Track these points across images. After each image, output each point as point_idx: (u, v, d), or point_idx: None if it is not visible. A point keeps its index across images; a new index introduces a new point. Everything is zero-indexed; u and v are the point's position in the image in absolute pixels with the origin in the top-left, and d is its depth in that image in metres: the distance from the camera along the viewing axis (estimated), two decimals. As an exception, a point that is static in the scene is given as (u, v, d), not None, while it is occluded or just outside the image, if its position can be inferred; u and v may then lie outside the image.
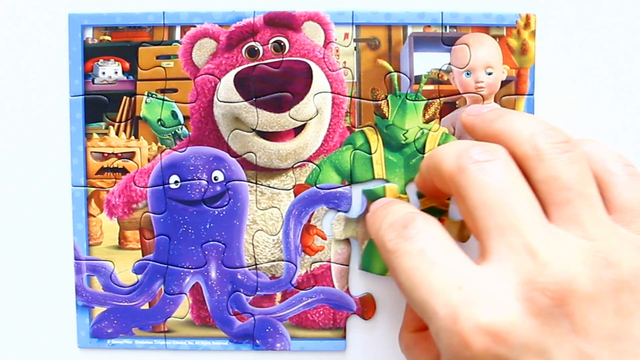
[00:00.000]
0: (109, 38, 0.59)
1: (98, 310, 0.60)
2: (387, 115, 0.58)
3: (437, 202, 0.58)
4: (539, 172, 0.42)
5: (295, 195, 0.59)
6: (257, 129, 0.58)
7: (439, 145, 0.58)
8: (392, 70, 0.58)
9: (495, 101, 0.58)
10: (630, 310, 0.39)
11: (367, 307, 0.60)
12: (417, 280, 0.41)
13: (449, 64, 0.58)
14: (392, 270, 0.44)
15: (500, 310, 0.38)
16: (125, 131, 0.60)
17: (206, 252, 0.60)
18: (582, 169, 0.42)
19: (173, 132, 0.59)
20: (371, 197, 0.58)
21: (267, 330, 0.60)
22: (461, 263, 0.41)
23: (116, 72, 0.59)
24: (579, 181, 0.41)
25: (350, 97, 0.59)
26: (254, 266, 0.60)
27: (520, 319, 0.38)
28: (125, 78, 0.59)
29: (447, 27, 0.58)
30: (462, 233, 0.59)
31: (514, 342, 0.38)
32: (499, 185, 0.41)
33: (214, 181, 0.59)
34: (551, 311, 0.38)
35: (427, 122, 0.58)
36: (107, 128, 0.59)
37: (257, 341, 0.60)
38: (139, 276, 0.60)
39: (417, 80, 0.58)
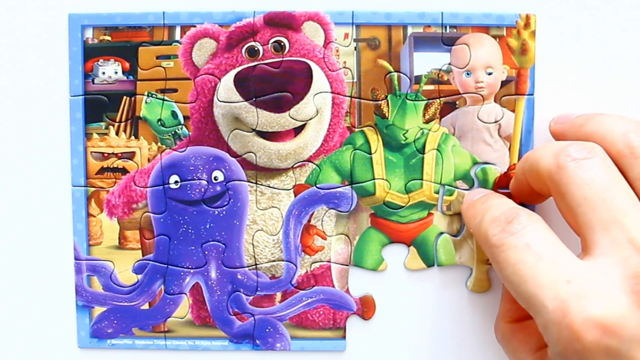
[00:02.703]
0: (109, 38, 0.59)
1: (98, 310, 0.60)
2: (387, 115, 0.58)
3: (427, 197, 0.58)
4: (634, 169, 0.43)
5: (295, 195, 0.59)
6: (257, 129, 0.58)
7: (438, 145, 0.58)
8: (392, 70, 0.58)
9: (495, 101, 0.58)
10: None
11: (367, 307, 0.60)
12: (524, 274, 0.42)
13: (449, 64, 0.58)
14: (497, 264, 0.45)
15: (609, 303, 0.40)
16: (125, 131, 0.60)
17: (206, 252, 0.60)
18: None
19: (173, 132, 0.59)
20: (361, 192, 0.59)
21: (267, 330, 0.60)
22: (567, 258, 0.42)
23: (116, 72, 0.59)
24: None
25: (350, 97, 0.59)
26: (254, 266, 0.60)
27: (629, 311, 0.39)
28: (125, 78, 0.59)
29: (447, 27, 0.58)
30: (451, 227, 0.59)
31: (624, 334, 0.39)
32: (600, 182, 0.43)
33: (214, 181, 0.59)
34: None
35: (427, 122, 0.58)
36: (107, 128, 0.59)
37: (257, 341, 0.60)
38: (139, 276, 0.60)
39: (417, 80, 0.58)
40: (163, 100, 0.59)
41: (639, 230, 0.41)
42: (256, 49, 0.58)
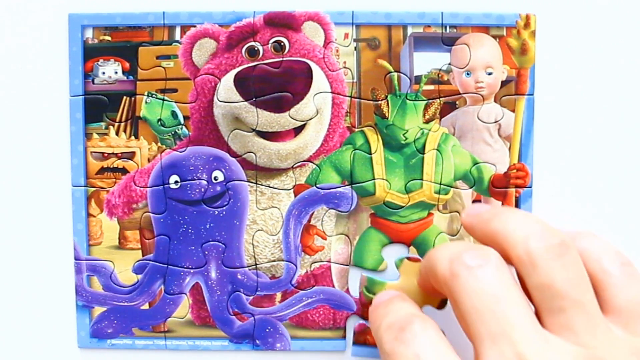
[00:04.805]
0: (109, 38, 0.59)
1: (98, 310, 0.60)
2: (387, 115, 0.58)
3: (427, 197, 0.58)
4: (532, 278, 0.42)
5: (295, 195, 0.59)
6: (257, 129, 0.58)
7: (438, 145, 0.58)
8: (392, 70, 0.58)
9: (495, 101, 0.58)
10: None
11: (367, 307, 0.60)
12: None
13: (449, 64, 0.58)
14: None
15: None
16: (125, 131, 0.60)
17: (206, 252, 0.60)
18: (577, 274, 0.42)
19: (173, 132, 0.59)
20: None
21: (267, 330, 0.60)
22: None
23: (116, 72, 0.59)
24: (573, 288, 0.41)
25: (350, 97, 0.59)
26: (254, 266, 0.60)
27: None
28: (125, 78, 0.59)
29: (447, 27, 0.58)
30: (451, 227, 0.59)
31: None
32: (491, 292, 0.41)
33: (214, 181, 0.59)
34: None
35: (427, 122, 0.58)
36: (107, 128, 0.59)
37: (257, 341, 0.60)
38: (139, 276, 0.60)
39: (417, 80, 0.58)
40: (163, 100, 0.59)
41: (527, 345, 0.39)
42: (256, 49, 0.58)
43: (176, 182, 0.59)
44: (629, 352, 0.41)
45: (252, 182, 0.59)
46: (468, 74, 0.58)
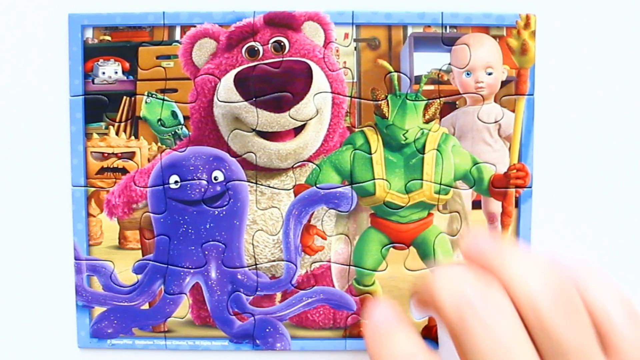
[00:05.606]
0: (109, 38, 0.59)
1: (98, 310, 0.60)
2: (387, 115, 0.58)
3: (427, 197, 0.59)
4: (536, 330, 0.41)
5: (295, 195, 0.59)
6: (257, 129, 0.58)
7: (438, 145, 0.58)
8: (392, 70, 0.58)
9: (495, 101, 0.58)
10: None
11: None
12: None
13: (449, 64, 0.58)
14: None
15: None
16: (125, 131, 0.60)
17: (206, 252, 0.60)
18: (585, 331, 0.42)
19: (173, 132, 0.59)
20: (361, 193, 0.59)
21: (267, 330, 0.60)
22: None
23: (116, 72, 0.59)
24: (579, 344, 0.41)
25: (350, 97, 0.59)
26: (254, 266, 0.60)
27: None
28: (125, 78, 0.59)
29: (447, 27, 0.58)
30: (451, 227, 0.59)
31: None
32: (503, 346, 0.40)
33: (214, 181, 0.59)
34: None
35: (427, 122, 0.58)
36: (107, 128, 0.59)
37: (257, 341, 0.60)
38: (139, 276, 0.60)
39: (417, 80, 0.58)
40: (163, 100, 0.59)
41: None
42: (256, 49, 0.58)
43: (176, 182, 0.59)
44: None
45: (252, 182, 0.59)
46: (468, 74, 0.58)
